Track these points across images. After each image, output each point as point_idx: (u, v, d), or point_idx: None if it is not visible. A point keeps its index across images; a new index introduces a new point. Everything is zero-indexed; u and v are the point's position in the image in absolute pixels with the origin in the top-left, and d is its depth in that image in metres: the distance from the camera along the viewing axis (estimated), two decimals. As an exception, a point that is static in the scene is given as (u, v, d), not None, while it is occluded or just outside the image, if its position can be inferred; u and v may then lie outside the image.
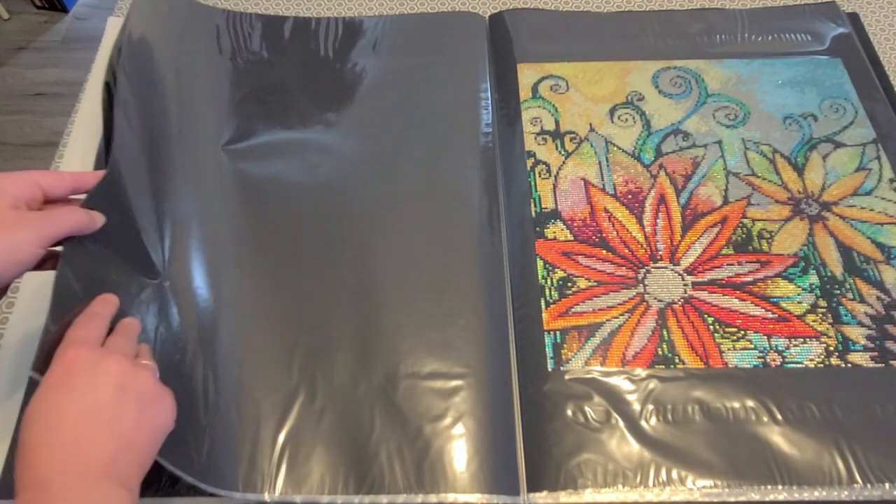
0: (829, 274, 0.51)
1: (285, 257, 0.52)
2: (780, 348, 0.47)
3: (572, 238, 0.53)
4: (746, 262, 0.52)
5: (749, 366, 0.47)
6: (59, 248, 0.39)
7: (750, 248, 0.52)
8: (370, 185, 0.56)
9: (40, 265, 0.39)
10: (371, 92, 0.61)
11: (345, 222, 0.53)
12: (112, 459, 0.32)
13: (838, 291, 0.50)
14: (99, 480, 0.32)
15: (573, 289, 0.50)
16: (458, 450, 0.43)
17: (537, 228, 0.53)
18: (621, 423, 0.45)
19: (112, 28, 0.67)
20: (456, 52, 0.64)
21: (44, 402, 0.33)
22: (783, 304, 0.49)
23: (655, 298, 0.50)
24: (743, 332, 0.48)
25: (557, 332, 0.48)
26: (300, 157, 0.57)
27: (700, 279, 0.51)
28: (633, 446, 0.44)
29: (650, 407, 0.45)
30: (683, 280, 0.51)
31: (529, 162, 0.57)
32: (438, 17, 0.67)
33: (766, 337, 0.48)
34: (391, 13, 0.68)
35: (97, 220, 0.41)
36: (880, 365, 0.47)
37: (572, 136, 0.59)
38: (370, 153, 0.57)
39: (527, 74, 0.63)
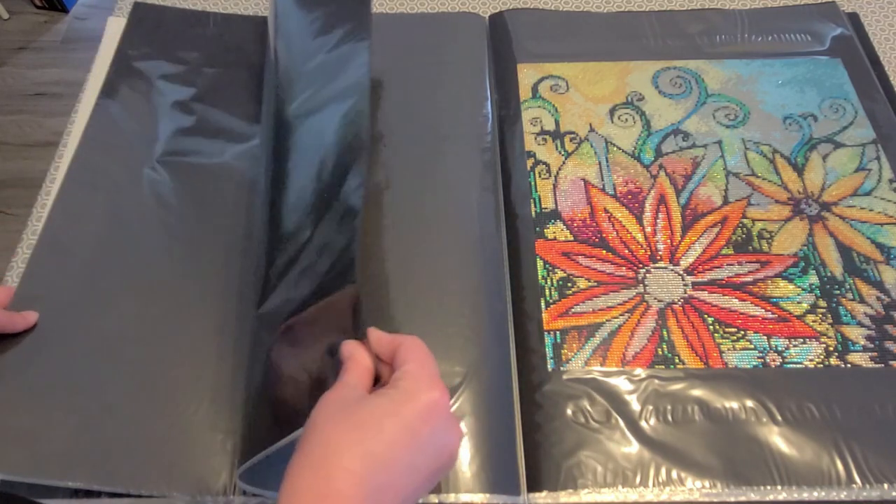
0: (829, 274, 0.51)
1: None
2: (779, 348, 0.48)
3: (572, 238, 0.53)
4: (746, 263, 0.52)
5: (749, 366, 0.47)
6: None
7: (750, 248, 0.52)
8: (369, 185, 0.55)
9: None
10: (370, 92, 0.61)
11: None
12: None
13: (838, 292, 0.50)
14: None
15: (573, 289, 0.50)
16: (459, 450, 0.43)
17: (537, 228, 0.53)
18: (621, 424, 0.45)
19: (112, 28, 0.67)
20: (456, 52, 0.64)
21: (401, 444, 0.31)
22: (783, 305, 0.49)
23: (655, 298, 0.50)
24: (743, 333, 0.48)
25: (557, 333, 0.49)
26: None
27: (700, 279, 0.51)
28: (633, 446, 0.44)
29: (650, 407, 0.45)
30: (683, 280, 0.51)
31: (529, 162, 0.57)
32: (438, 17, 0.67)
33: (765, 337, 0.48)
34: (391, 13, 0.68)
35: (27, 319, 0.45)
36: (880, 365, 0.47)
37: (572, 136, 0.59)
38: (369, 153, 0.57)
39: (527, 74, 0.63)
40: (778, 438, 0.44)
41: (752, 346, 0.48)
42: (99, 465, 0.42)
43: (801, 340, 0.48)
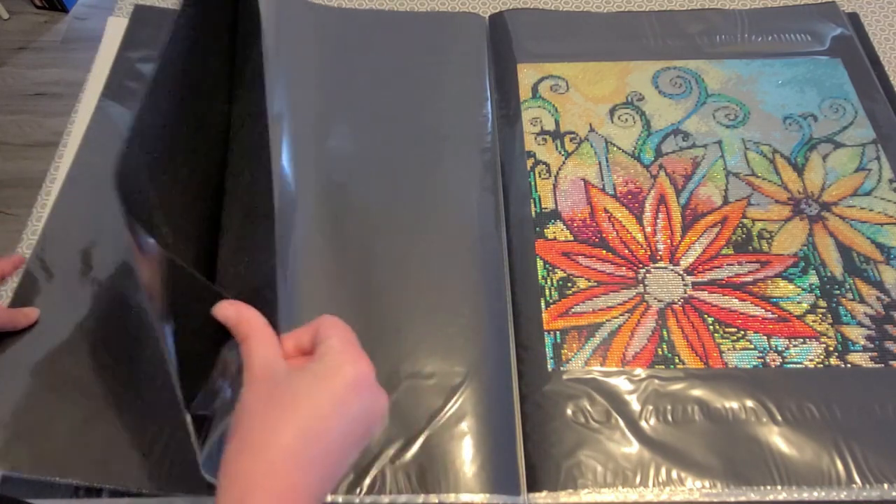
0: (829, 274, 0.51)
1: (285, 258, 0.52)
2: (779, 348, 0.48)
3: (572, 238, 0.53)
4: (746, 263, 0.52)
5: (749, 366, 0.47)
6: None
7: (750, 248, 0.52)
8: (370, 185, 0.56)
9: None
10: (370, 91, 0.61)
11: (344, 223, 0.53)
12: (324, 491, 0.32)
13: (838, 292, 0.50)
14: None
15: (573, 289, 0.50)
16: (459, 450, 0.43)
17: (537, 228, 0.53)
18: (621, 423, 0.45)
19: (112, 28, 0.67)
20: (456, 52, 0.64)
21: (322, 414, 0.31)
22: (783, 305, 0.49)
23: (655, 298, 0.50)
24: (743, 333, 0.48)
25: (557, 333, 0.49)
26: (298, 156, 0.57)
27: (700, 279, 0.51)
28: (633, 446, 0.44)
29: (650, 407, 0.45)
30: (683, 280, 0.51)
31: (529, 162, 0.57)
32: (438, 17, 0.67)
33: (765, 337, 0.48)
34: (391, 11, 0.68)
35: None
36: (880, 365, 0.47)
37: (572, 136, 0.59)
38: (369, 153, 0.57)
39: (527, 74, 0.63)
40: (778, 438, 0.44)
41: (752, 346, 0.48)
42: (99, 463, 0.42)
43: (801, 340, 0.48)
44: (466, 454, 0.43)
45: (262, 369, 0.33)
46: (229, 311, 0.35)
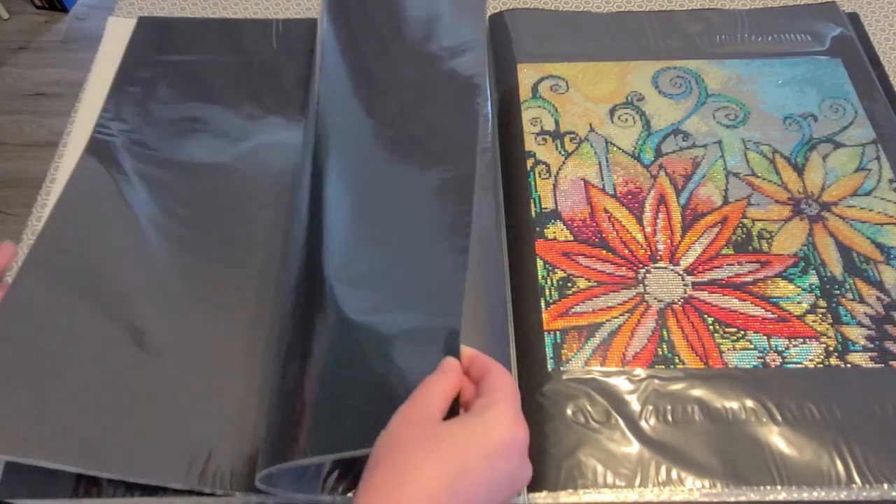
0: (829, 274, 0.51)
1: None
2: (779, 348, 0.48)
3: (572, 238, 0.53)
4: (746, 263, 0.52)
5: (749, 366, 0.47)
6: None
7: (750, 248, 0.52)
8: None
9: None
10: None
11: None
12: None
13: (838, 292, 0.50)
14: None
15: (573, 289, 0.50)
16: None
17: (537, 228, 0.53)
18: (621, 423, 0.45)
19: (112, 28, 0.67)
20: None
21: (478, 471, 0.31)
22: (783, 305, 0.49)
23: (655, 298, 0.50)
24: (743, 333, 0.48)
25: (557, 333, 0.49)
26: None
27: (700, 279, 0.51)
28: (633, 446, 0.44)
29: (650, 407, 0.45)
30: (683, 280, 0.51)
31: (529, 162, 0.57)
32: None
33: (765, 337, 0.48)
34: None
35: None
36: (880, 365, 0.47)
37: (572, 136, 0.59)
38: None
39: (527, 74, 0.63)
40: (778, 438, 0.44)
41: (752, 346, 0.48)
42: (96, 450, 0.42)
43: (801, 340, 0.48)
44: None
45: (417, 407, 0.33)
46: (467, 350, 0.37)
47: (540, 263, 0.52)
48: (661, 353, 0.47)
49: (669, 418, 0.45)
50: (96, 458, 0.42)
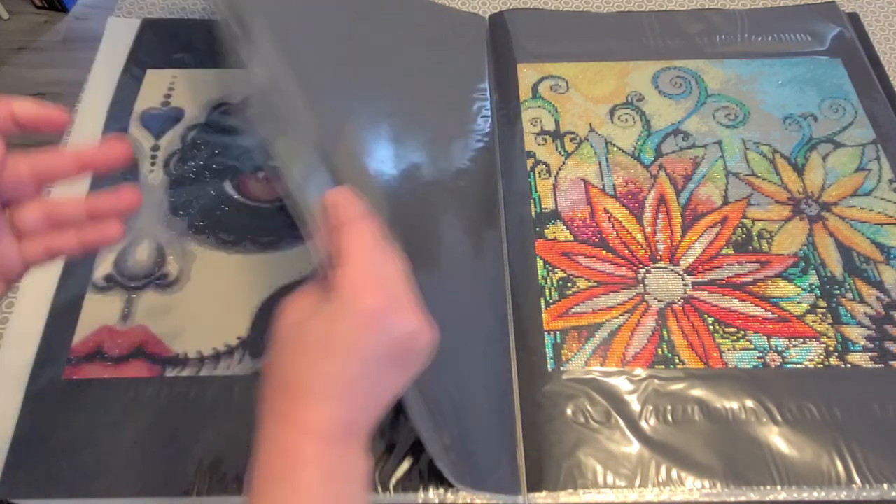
0: (829, 274, 0.51)
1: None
2: (779, 348, 0.48)
3: (572, 238, 0.53)
4: (746, 263, 0.52)
5: (749, 366, 0.47)
6: None
7: (750, 248, 0.52)
8: (368, 186, 0.55)
9: None
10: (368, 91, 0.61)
11: None
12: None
13: (838, 292, 0.50)
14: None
15: (573, 289, 0.50)
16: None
17: (537, 228, 0.53)
18: (621, 423, 0.45)
19: (112, 28, 0.67)
20: (456, 52, 0.64)
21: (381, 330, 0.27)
22: (783, 305, 0.49)
23: (655, 298, 0.50)
24: (743, 333, 0.48)
25: (557, 333, 0.49)
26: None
27: (700, 279, 0.51)
28: (633, 446, 0.44)
29: (650, 407, 0.45)
30: (683, 280, 0.51)
31: (529, 162, 0.57)
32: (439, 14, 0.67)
33: (765, 337, 0.48)
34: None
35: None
36: (880, 365, 0.47)
37: (572, 136, 0.59)
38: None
39: (527, 74, 0.63)
40: (778, 438, 0.44)
41: (752, 346, 0.48)
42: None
43: (801, 340, 0.48)
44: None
45: (301, 295, 0.30)
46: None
47: (540, 263, 0.52)
48: (661, 353, 0.47)
49: (669, 418, 0.45)
50: None
